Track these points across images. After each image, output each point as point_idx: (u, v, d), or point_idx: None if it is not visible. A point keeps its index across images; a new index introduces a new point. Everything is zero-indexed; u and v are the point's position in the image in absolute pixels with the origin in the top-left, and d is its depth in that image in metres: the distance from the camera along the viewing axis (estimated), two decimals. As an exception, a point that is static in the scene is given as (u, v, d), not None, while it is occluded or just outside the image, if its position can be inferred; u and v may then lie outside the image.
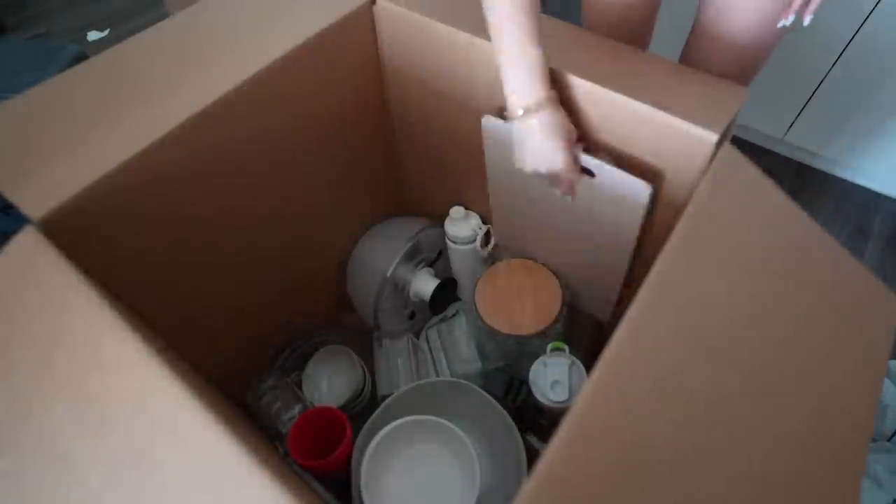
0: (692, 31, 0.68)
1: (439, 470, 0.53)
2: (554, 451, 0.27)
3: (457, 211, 0.72)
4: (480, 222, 0.73)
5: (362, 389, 0.67)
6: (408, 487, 0.52)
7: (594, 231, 0.54)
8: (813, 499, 0.33)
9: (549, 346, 0.61)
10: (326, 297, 0.76)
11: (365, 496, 0.49)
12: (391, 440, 0.51)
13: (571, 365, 0.59)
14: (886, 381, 0.79)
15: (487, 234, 0.72)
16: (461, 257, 0.73)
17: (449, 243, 0.73)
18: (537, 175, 0.48)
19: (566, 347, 0.60)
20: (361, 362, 0.69)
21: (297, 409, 0.60)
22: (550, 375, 0.58)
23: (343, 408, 0.64)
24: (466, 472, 0.51)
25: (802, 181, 1.45)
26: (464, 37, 0.53)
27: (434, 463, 0.53)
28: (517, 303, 0.64)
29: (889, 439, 0.76)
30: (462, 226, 0.71)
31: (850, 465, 0.35)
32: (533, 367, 0.60)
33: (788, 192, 0.44)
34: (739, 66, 0.64)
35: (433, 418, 0.52)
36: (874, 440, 0.77)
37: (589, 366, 0.59)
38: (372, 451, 0.50)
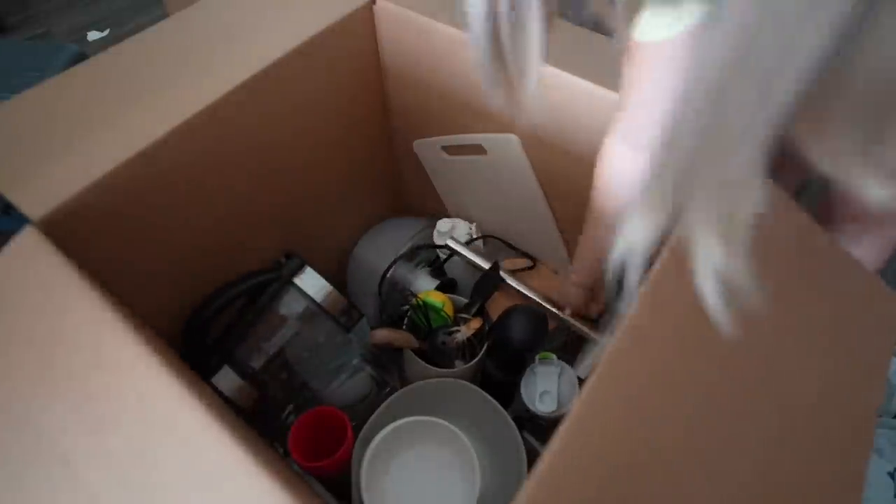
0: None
1: (439, 471, 0.53)
2: (554, 451, 0.27)
3: (443, 224, 0.71)
4: (468, 226, 0.72)
5: (368, 392, 0.67)
6: (408, 488, 0.52)
7: (508, 190, 0.66)
8: (816, 497, 0.33)
9: (538, 356, 0.60)
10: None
11: (365, 497, 0.49)
12: (391, 441, 0.51)
13: (561, 374, 0.59)
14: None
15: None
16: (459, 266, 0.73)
17: (442, 256, 0.72)
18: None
19: (554, 357, 0.60)
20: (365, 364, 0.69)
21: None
22: (539, 385, 0.58)
23: (346, 409, 0.64)
24: (466, 472, 0.51)
25: (802, 181, 1.45)
26: (464, 37, 0.53)
27: (434, 463, 0.53)
28: (521, 302, 0.64)
29: (894, 416, 0.77)
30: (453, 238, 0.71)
31: (852, 466, 0.35)
32: (525, 374, 0.59)
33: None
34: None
35: (433, 419, 0.52)
36: (879, 415, 0.78)
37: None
38: (372, 453, 0.50)
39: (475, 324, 0.61)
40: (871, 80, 0.18)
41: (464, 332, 0.60)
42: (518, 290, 0.65)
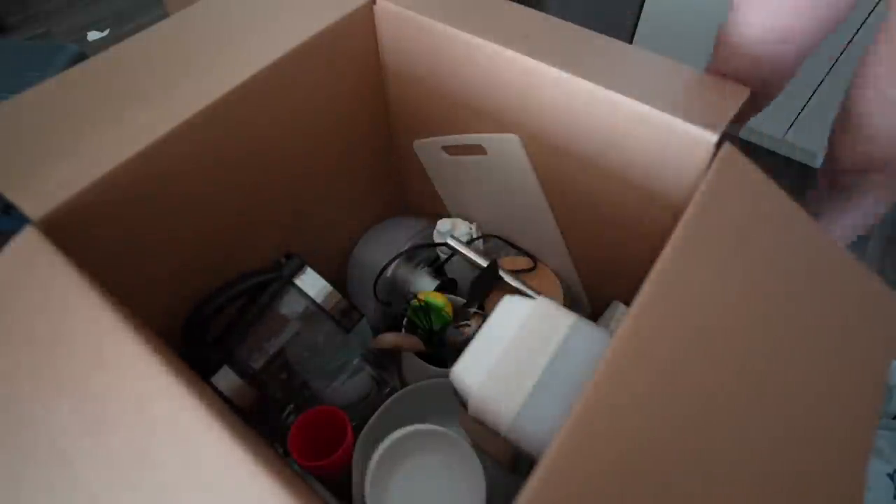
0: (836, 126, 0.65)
1: (444, 480, 0.52)
2: (555, 450, 0.27)
3: (443, 224, 0.71)
4: (469, 226, 0.72)
5: (368, 392, 0.67)
6: (413, 498, 0.51)
7: (508, 190, 0.66)
8: (816, 498, 0.33)
9: None
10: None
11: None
12: (394, 452, 0.51)
13: None
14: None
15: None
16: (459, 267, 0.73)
17: (442, 256, 0.72)
18: None
19: None
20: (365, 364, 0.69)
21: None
22: None
23: (346, 409, 0.64)
24: (472, 481, 0.51)
25: (803, 181, 1.45)
26: (464, 37, 0.53)
27: (438, 473, 0.53)
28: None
29: (894, 417, 0.77)
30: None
31: (854, 465, 0.35)
32: None
33: (789, 192, 0.44)
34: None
35: (437, 428, 0.52)
36: (879, 417, 0.78)
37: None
38: (375, 464, 0.49)
39: (480, 319, 0.61)
40: None
41: (474, 325, 0.60)
42: (517, 290, 0.65)
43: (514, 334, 0.42)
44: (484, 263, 0.67)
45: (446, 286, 0.71)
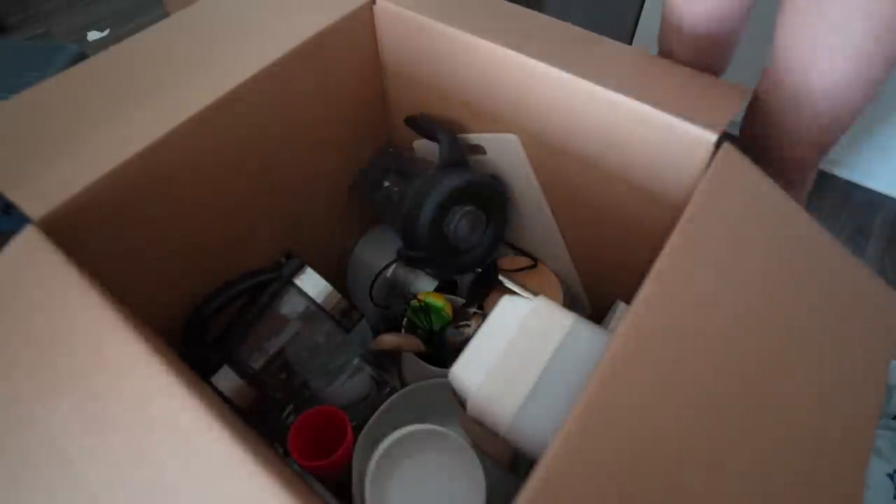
0: (760, 82, 0.63)
1: (444, 481, 0.52)
2: (555, 450, 0.27)
3: None
4: None
5: (368, 392, 0.67)
6: (413, 497, 0.51)
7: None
8: (816, 498, 0.33)
9: None
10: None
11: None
12: (394, 452, 0.50)
13: None
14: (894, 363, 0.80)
15: None
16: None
17: None
18: None
19: None
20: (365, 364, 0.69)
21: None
22: None
23: (347, 409, 0.64)
24: (472, 481, 0.51)
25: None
26: (463, 37, 0.53)
27: (438, 473, 0.53)
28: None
29: (894, 417, 0.77)
30: None
31: (854, 465, 0.35)
32: None
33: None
34: (815, 130, 0.60)
35: (437, 428, 0.52)
36: (879, 416, 0.77)
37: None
38: (375, 464, 0.49)
39: (480, 319, 0.61)
40: None
41: (473, 325, 0.60)
42: (516, 290, 0.65)
43: (513, 334, 0.42)
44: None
45: (446, 286, 0.71)
